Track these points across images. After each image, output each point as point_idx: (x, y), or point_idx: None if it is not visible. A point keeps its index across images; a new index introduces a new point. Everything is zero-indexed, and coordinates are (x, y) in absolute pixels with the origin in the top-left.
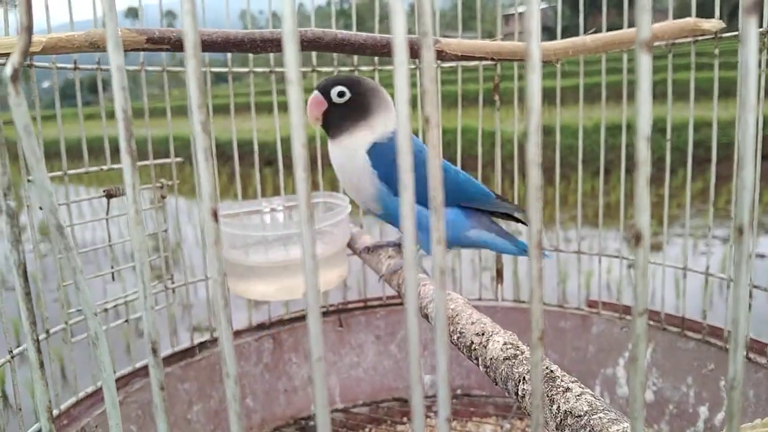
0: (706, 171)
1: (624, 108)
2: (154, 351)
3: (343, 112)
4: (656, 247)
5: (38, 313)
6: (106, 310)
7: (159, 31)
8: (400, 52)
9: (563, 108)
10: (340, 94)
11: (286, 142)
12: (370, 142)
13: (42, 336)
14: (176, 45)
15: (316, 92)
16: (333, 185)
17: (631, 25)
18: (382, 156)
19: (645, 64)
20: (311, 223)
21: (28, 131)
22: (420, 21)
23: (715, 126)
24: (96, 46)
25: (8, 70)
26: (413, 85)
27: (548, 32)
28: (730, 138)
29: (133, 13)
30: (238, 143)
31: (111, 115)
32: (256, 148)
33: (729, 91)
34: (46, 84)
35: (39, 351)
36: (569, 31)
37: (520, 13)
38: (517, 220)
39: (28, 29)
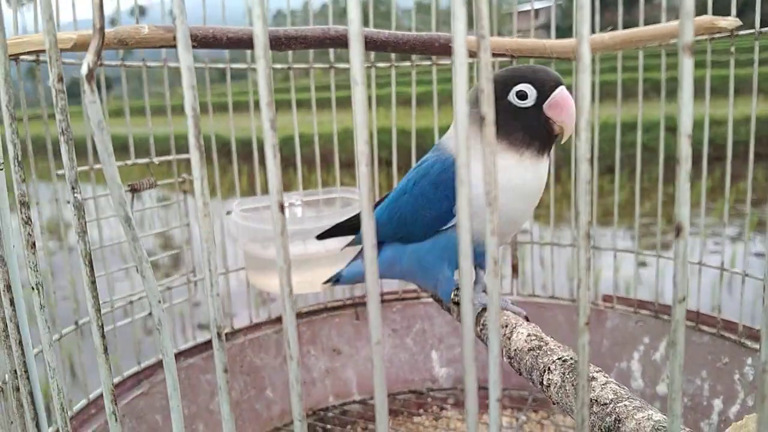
0: (715, 169)
1: (640, 106)
2: (219, 335)
3: None
4: (667, 246)
5: (48, 312)
6: (131, 302)
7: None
8: (461, 54)
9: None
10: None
11: (304, 137)
12: None
13: (69, 329)
14: (202, 42)
15: (564, 88)
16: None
17: (645, 22)
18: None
19: (687, 66)
20: (371, 217)
21: (101, 127)
22: (477, 24)
23: (730, 124)
24: (124, 43)
25: (84, 70)
26: (416, 82)
27: (559, 30)
28: (740, 136)
29: (141, 11)
30: (240, 141)
31: (133, 111)
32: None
33: (742, 89)
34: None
35: (103, 336)
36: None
37: (536, 10)
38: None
39: (101, 30)
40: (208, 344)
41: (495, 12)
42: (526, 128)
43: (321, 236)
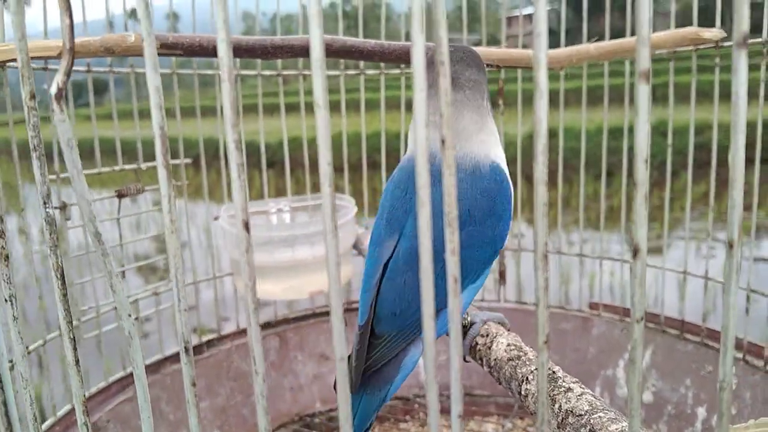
0: (708, 174)
1: (626, 111)
2: (186, 350)
3: None
4: (657, 251)
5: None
6: (116, 308)
7: (173, 36)
8: (420, 79)
9: (566, 110)
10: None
11: (293, 142)
12: None
13: (53, 335)
14: (188, 50)
15: None
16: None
17: (633, 27)
18: None
19: (643, 93)
20: (334, 236)
21: (70, 145)
22: (437, 51)
23: (715, 131)
24: (111, 51)
25: (53, 89)
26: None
27: (551, 35)
28: (729, 141)
29: (134, 14)
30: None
31: (120, 115)
32: (262, 148)
33: (730, 93)
34: (45, 86)
35: (75, 349)
36: (572, 33)
37: (525, 15)
38: None
39: (71, 50)
40: (195, 349)
41: (486, 17)
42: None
43: None
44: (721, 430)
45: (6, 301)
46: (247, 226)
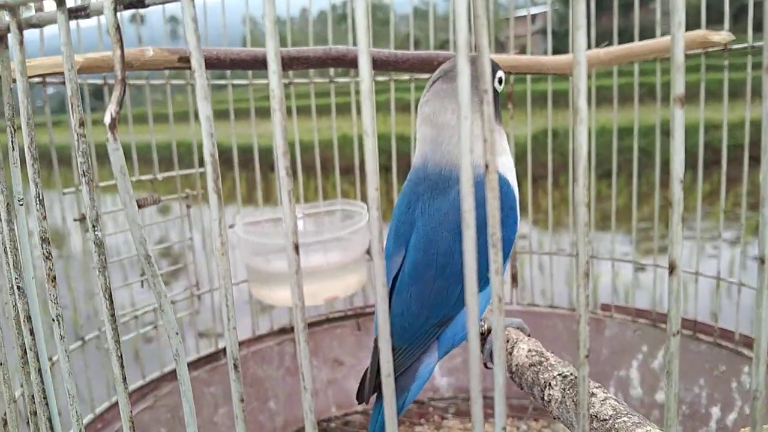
0: (713, 173)
1: (636, 110)
2: (236, 367)
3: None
4: (665, 250)
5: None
6: (136, 317)
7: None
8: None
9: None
10: (501, 81)
11: (303, 144)
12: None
13: (76, 345)
14: (205, 62)
15: None
16: (347, 193)
17: (640, 27)
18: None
19: (679, 117)
20: (380, 256)
21: (123, 173)
22: (482, 80)
23: (725, 130)
24: (129, 65)
25: (107, 119)
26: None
27: (555, 36)
28: (737, 140)
29: (138, 18)
30: (241, 148)
31: (137, 119)
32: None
33: (738, 92)
34: (51, 90)
35: (122, 366)
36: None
37: (533, 15)
38: None
39: (123, 81)
40: (211, 357)
41: (492, 17)
42: (499, 108)
43: None
44: None
45: (54, 321)
46: (296, 249)
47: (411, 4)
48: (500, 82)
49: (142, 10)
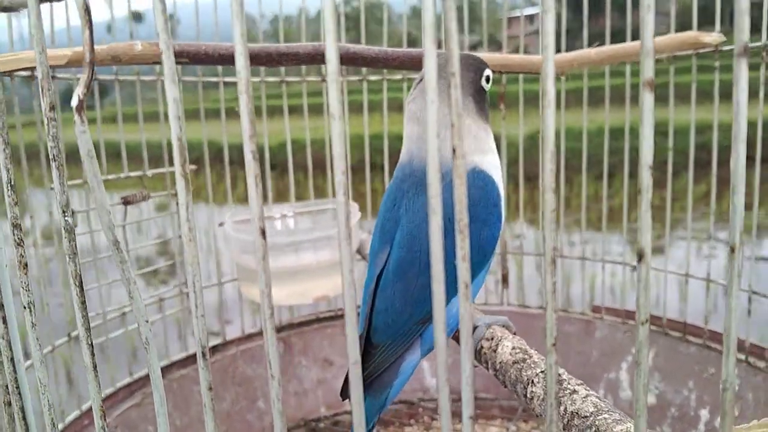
0: (709, 174)
1: (627, 111)
2: (204, 355)
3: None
4: (658, 251)
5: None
6: (124, 313)
7: (179, 45)
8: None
9: (567, 111)
10: (488, 80)
11: (296, 143)
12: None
13: (61, 340)
14: (194, 57)
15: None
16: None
17: (634, 27)
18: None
19: (648, 101)
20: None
21: (91, 156)
22: (449, 62)
23: (716, 132)
24: (118, 59)
25: (74, 101)
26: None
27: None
28: (730, 141)
29: (137, 17)
30: (234, 147)
31: (127, 117)
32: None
33: (730, 93)
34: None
35: (93, 354)
36: (572, 33)
37: (526, 16)
38: None
39: (91, 63)
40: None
41: (486, 18)
42: (486, 107)
43: None
44: (725, 431)
45: (25, 308)
46: (263, 234)
47: (407, 4)
48: (487, 80)
49: (141, 8)
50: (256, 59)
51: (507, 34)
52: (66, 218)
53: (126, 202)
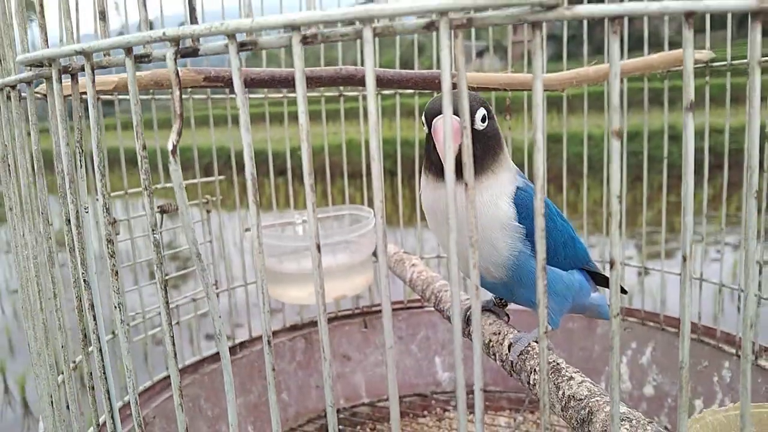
0: (714, 177)
1: (625, 117)
2: (269, 342)
3: (483, 144)
4: (667, 255)
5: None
6: (159, 314)
7: (215, 70)
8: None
9: (569, 116)
10: (484, 119)
11: (298, 151)
12: (515, 186)
13: (109, 337)
14: (229, 82)
15: (452, 115)
16: (353, 199)
17: (631, 38)
18: (528, 207)
19: (616, 147)
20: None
21: (181, 188)
22: (462, 118)
23: (727, 135)
24: (160, 85)
25: (169, 146)
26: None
27: (554, 40)
28: (739, 144)
29: (149, 26)
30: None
31: (146, 124)
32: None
33: (739, 97)
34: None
35: (174, 344)
36: (574, 40)
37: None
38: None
39: (181, 116)
40: (230, 350)
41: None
42: (432, 153)
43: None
44: (683, 407)
45: (115, 308)
46: (318, 248)
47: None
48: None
49: (150, 17)
50: (284, 83)
51: (512, 39)
52: (155, 235)
53: (162, 211)
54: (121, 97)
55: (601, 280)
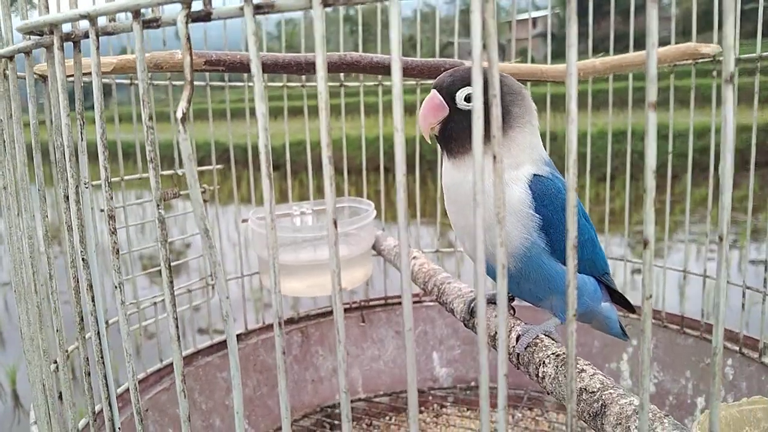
0: (707, 177)
1: (629, 114)
2: (280, 325)
3: (469, 124)
4: (657, 254)
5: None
6: (155, 303)
7: (216, 54)
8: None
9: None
10: (468, 99)
11: (294, 146)
12: (531, 172)
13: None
14: (230, 66)
15: (434, 92)
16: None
17: (636, 32)
18: (550, 197)
19: (652, 119)
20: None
21: (190, 159)
22: (491, 85)
23: (713, 135)
24: (159, 66)
25: (179, 114)
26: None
27: (555, 39)
28: (741, 143)
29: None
30: (242, 148)
31: (158, 119)
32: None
33: (745, 97)
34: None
35: (177, 327)
36: (578, 37)
37: (534, 19)
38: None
39: (191, 83)
40: (223, 344)
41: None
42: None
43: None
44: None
45: (116, 288)
46: (335, 224)
47: (412, 7)
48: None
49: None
50: (287, 68)
51: (516, 36)
52: (159, 210)
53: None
54: (119, 81)
55: (616, 299)
